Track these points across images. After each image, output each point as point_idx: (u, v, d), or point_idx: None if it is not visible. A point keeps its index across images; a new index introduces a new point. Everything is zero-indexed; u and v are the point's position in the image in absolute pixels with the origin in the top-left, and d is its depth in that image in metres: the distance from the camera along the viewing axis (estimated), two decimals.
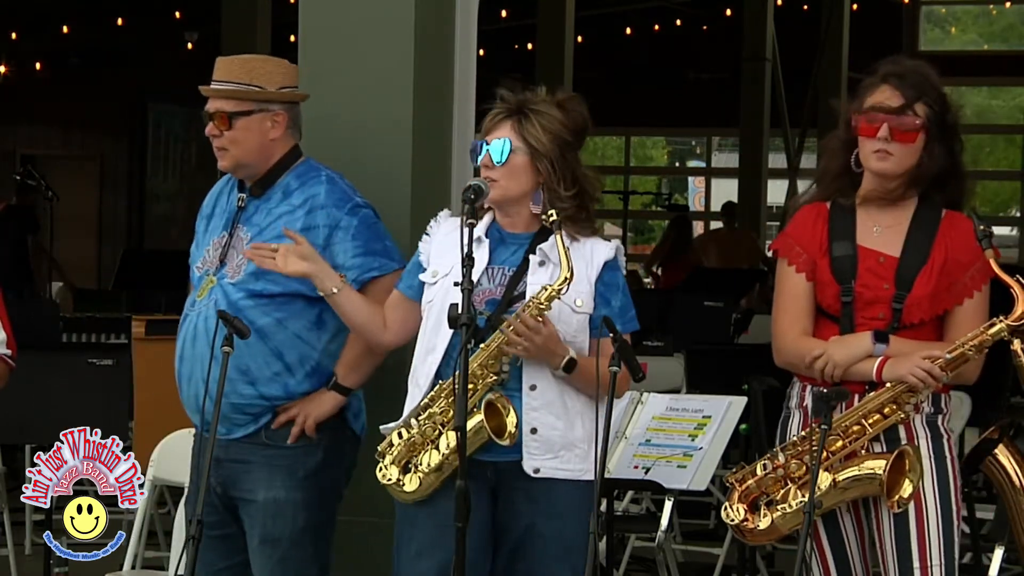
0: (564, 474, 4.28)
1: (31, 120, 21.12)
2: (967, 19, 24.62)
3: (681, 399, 6.11)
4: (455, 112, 5.47)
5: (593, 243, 4.37)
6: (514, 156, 4.34)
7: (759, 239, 18.37)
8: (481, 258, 4.36)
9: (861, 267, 4.32)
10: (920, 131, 4.26)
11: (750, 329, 11.80)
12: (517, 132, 4.35)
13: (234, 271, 4.68)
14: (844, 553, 4.36)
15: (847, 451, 4.27)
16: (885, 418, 4.27)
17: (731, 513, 4.35)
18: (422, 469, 4.32)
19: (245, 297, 4.64)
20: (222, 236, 4.75)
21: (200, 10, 17.88)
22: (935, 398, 4.32)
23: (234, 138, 4.70)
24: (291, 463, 4.66)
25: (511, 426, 4.24)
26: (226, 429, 4.65)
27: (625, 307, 4.38)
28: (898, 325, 4.28)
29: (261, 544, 4.66)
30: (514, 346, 4.21)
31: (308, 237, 4.60)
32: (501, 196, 4.37)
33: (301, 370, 4.67)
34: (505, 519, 4.33)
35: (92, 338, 10.27)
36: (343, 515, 4.94)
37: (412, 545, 4.36)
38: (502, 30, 18.84)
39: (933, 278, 4.28)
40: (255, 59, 4.81)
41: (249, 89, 4.71)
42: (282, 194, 4.72)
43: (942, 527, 4.26)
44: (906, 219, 4.34)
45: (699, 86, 22.85)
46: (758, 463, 4.37)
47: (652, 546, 6.53)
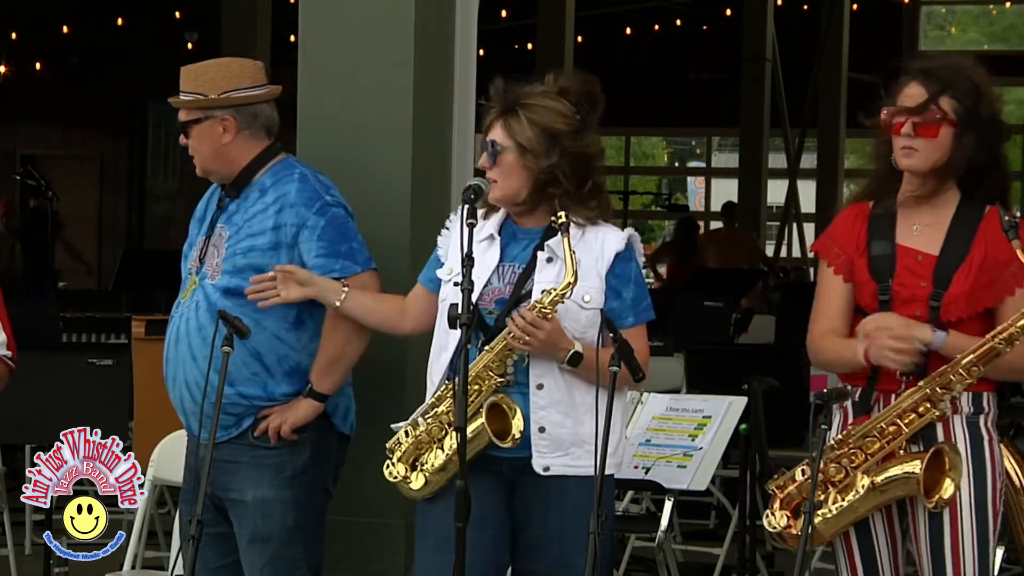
0: (575, 471, 4.28)
1: (31, 120, 21.12)
2: (967, 19, 24.63)
3: (681, 399, 6.11)
4: (455, 112, 5.47)
5: (605, 233, 4.36)
6: (504, 155, 4.34)
7: (759, 239, 18.37)
8: (492, 257, 4.37)
9: (899, 266, 4.28)
10: (943, 124, 4.23)
11: (750, 329, 11.81)
12: (505, 130, 4.36)
13: (214, 271, 4.71)
14: (874, 559, 4.30)
15: (885, 452, 4.21)
16: (920, 416, 4.20)
17: (773, 520, 4.31)
18: (427, 468, 4.34)
19: (223, 296, 4.66)
20: (206, 237, 4.78)
21: (200, 10, 17.88)
22: (976, 397, 4.25)
23: (193, 146, 4.79)
24: (278, 462, 4.67)
25: (515, 429, 4.24)
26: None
27: (638, 298, 4.36)
28: (937, 324, 4.22)
29: (251, 543, 4.68)
30: (518, 342, 4.21)
31: (277, 235, 4.65)
32: (500, 196, 4.37)
33: (280, 370, 4.68)
34: (521, 515, 4.34)
35: (92, 338, 10.26)
36: (340, 515, 4.95)
37: (429, 539, 4.37)
38: (502, 30, 18.85)
39: (971, 276, 4.23)
40: (208, 65, 4.82)
41: (195, 98, 4.75)
42: (258, 192, 4.74)
43: (976, 533, 4.21)
44: (947, 217, 4.29)
45: (699, 86, 22.86)
46: (797, 468, 4.32)
47: (652, 546, 6.52)
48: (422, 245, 5.20)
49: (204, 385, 4.42)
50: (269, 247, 4.66)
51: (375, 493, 4.99)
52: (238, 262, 4.67)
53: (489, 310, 4.31)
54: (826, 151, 20.56)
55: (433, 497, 4.37)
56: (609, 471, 4.26)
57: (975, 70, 4.31)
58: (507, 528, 4.34)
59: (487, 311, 4.30)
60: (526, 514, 4.33)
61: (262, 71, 4.87)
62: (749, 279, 15.01)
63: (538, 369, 4.28)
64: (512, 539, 4.36)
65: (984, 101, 4.27)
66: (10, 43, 19.67)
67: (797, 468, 4.33)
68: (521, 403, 4.27)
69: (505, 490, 4.33)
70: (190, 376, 4.67)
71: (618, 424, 4.31)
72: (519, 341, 4.21)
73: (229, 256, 4.68)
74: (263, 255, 4.66)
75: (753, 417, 6.25)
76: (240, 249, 4.68)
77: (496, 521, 4.31)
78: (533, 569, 4.36)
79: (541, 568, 4.34)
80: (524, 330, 4.19)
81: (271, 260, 4.65)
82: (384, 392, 5.06)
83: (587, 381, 4.28)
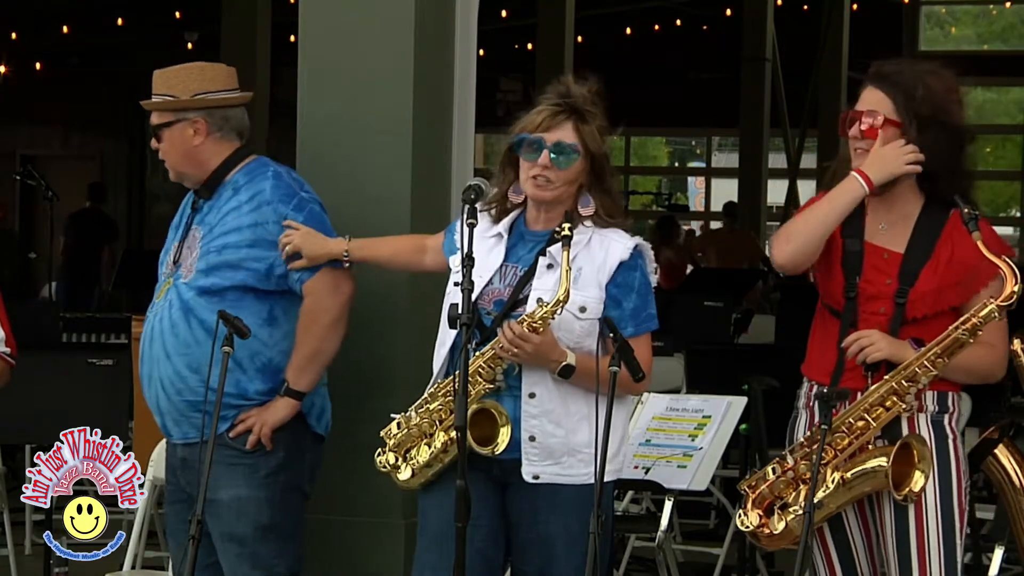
0: (567, 480, 4.26)
1: (31, 120, 21.13)
2: (967, 19, 24.63)
3: (681, 399, 6.11)
4: (455, 112, 5.47)
5: (611, 241, 4.32)
6: (574, 158, 4.29)
7: (759, 239, 18.38)
8: (497, 257, 4.35)
9: (866, 263, 4.32)
10: (884, 126, 4.27)
11: (750, 329, 11.81)
12: (578, 134, 4.30)
13: (187, 270, 4.72)
14: (850, 557, 4.34)
15: (854, 447, 4.24)
16: (888, 411, 4.23)
17: (746, 520, 4.32)
18: (413, 462, 4.34)
19: (196, 295, 4.67)
20: (180, 240, 4.80)
21: (200, 10, 17.88)
22: (941, 397, 4.29)
23: (164, 149, 4.81)
24: (253, 462, 4.68)
25: (500, 440, 4.22)
26: (183, 432, 4.71)
27: (639, 308, 4.31)
28: (903, 321, 4.26)
29: (226, 542, 4.68)
30: (507, 353, 4.21)
31: (258, 232, 4.67)
32: (556, 197, 4.31)
33: (252, 366, 4.68)
34: (514, 515, 4.33)
35: (92, 338, 10.27)
36: (338, 515, 4.95)
37: (423, 537, 4.38)
38: (502, 30, 18.84)
39: (938, 274, 4.26)
40: (179, 69, 4.82)
41: (165, 100, 4.77)
42: (231, 191, 4.76)
43: (942, 530, 4.24)
44: (912, 216, 4.33)
45: (699, 86, 22.87)
46: (768, 467, 4.34)
47: (652, 546, 6.52)
48: None
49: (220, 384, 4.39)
50: (246, 244, 4.67)
51: (375, 493, 4.99)
52: (211, 260, 4.68)
53: (487, 310, 4.30)
54: (826, 151, 20.55)
55: (429, 496, 4.37)
56: (609, 478, 4.24)
57: (935, 74, 4.32)
58: (501, 527, 4.34)
59: (485, 311, 4.29)
60: (517, 515, 4.32)
61: (234, 76, 4.88)
62: (749, 279, 15.02)
63: (531, 378, 4.26)
64: (507, 537, 4.35)
65: (939, 105, 4.28)
66: (10, 43, 19.67)
67: (768, 467, 4.35)
68: (512, 410, 4.25)
69: (499, 490, 4.32)
70: (164, 374, 4.68)
71: (619, 430, 4.29)
72: (508, 353, 4.20)
73: (203, 255, 4.70)
74: (237, 251, 4.67)
75: (753, 417, 6.26)
76: (214, 247, 4.69)
77: (489, 521, 4.30)
78: (524, 570, 4.35)
79: (531, 569, 4.33)
80: (512, 342, 4.17)
81: (246, 256, 4.66)
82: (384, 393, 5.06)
83: (585, 389, 4.25)
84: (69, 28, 19.60)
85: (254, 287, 4.67)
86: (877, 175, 4.26)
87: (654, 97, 22.36)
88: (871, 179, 4.25)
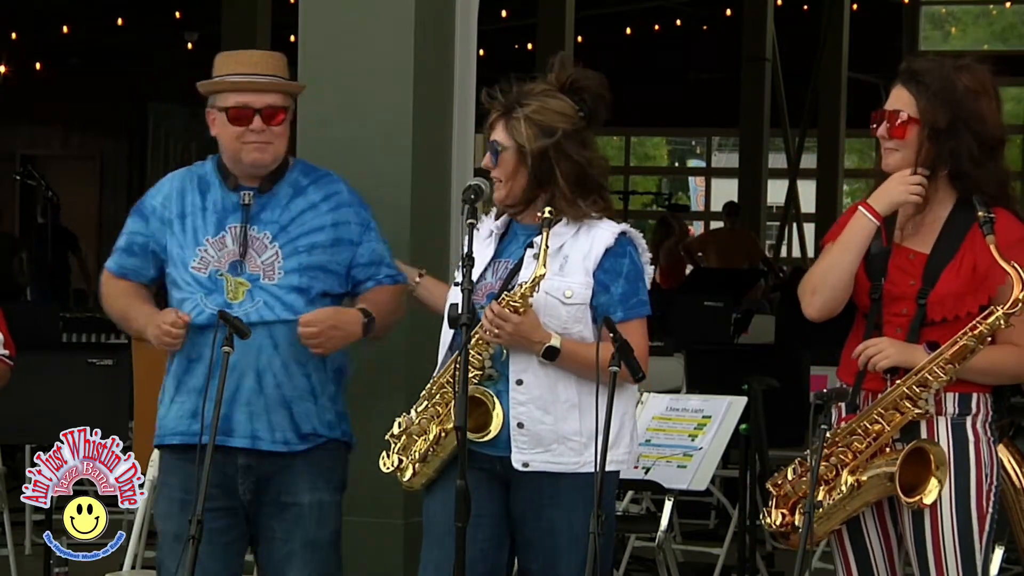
0: (558, 467, 4.27)
1: (31, 120, 21.13)
2: (967, 19, 24.63)
3: (681, 399, 6.11)
4: (455, 112, 5.47)
5: (598, 230, 4.34)
6: (504, 155, 4.34)
7: (759, 239, 18.38)
8: (488, 252, 4.39)
9: (892, 265, 4.31)
10: (909, 125, 4.26)
11: (750, 329, 11.81)
12: (506, 131, 4.35)
13: (267, 271, 4.56)
14: (868, 561, 4.32)
15: (872, 450, 4.22)
16: (902, 415, 4.21)
17: (769, 518, 4.33)
18: (413, 458, 4.35)
19: (287, 293, 4.54)
20: (220, 236, 4.60)
21: (200, 10, 17.89)
22: (963, 399, 4.25)
23: (280, 133, 4.59)
24: (331, 465, 4.61)
25: (493, 424, 4.24)
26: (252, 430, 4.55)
27: (628, 293, 4.33)
28: (923, 322, 4.24)
29: (304, 547, 4.58)
30: (487, 334, 4.21)
31: (339, 232, 4.60)
32: (502, 196, 4.37)
33: (330, 367, 4.62)
34: (517, 512, 4.33)
35: (92, 338, 10.27)
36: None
37: (426, 536, 4.39)
38: (502, 30, 18.84)
39: (960, 276, 4.23)
40: (265, 53, 4.69)
41: (290, 84, 4.65)
42: (292, 190, 4.63)
43: (958, 535, 4.21)
44: (942, 218, 4.30)
45: (699, 86, 22.86)
46: (789, 467, 4.35)
47: (652, 546, 6.52)
48: (422, 245, 5.22)
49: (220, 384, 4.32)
50: (330, 244, 4.60)
51: (375, 493, 4.99)
52: (303, 260, 4.56)
53: (481, 304, 4.31)
54: (826, 151, 20.58)
55: (432, 494, 4.37)
56: (612, 468, 4.25)
57: (967, 71, 4.30)
58: (504, 526, 4.35)
59: (479, 305, 4.30)
60: (521, 512, 4.33)
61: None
62: (749, 279, 15.02)
63: (518, 365, 4.27)
64: (511, 535, 4.36)
65: (966, 103, 4.26)
66: (10, 43, 19.67)
67: (789, 467, 4.36)
68: (501, 400, 4.27)
69: (501, 488, 4.33)
70: (265, 365, 4.53)
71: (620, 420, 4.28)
72: (488, 334, 4.21)
73: (290, 255, 4.56)
74: (325, 252, 4.59)
75: (753, 417, 6.26)
76: (301, 247, 4.57)
77: (492, 519, 4.31)
78: (528, 567, 4.36)
79: (535, 566, 4.34)
80: (492, 322, 4.20)
81: (332, 257, 4.60)
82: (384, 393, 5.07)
83: (576, 376, 4.27)
84: (69, 28, 19.60)
85: (333, 292, 4.61)
86: (882, 206, 4.26)
87: (654, 97, 22.36)
88: (876, 211, 4.26)
